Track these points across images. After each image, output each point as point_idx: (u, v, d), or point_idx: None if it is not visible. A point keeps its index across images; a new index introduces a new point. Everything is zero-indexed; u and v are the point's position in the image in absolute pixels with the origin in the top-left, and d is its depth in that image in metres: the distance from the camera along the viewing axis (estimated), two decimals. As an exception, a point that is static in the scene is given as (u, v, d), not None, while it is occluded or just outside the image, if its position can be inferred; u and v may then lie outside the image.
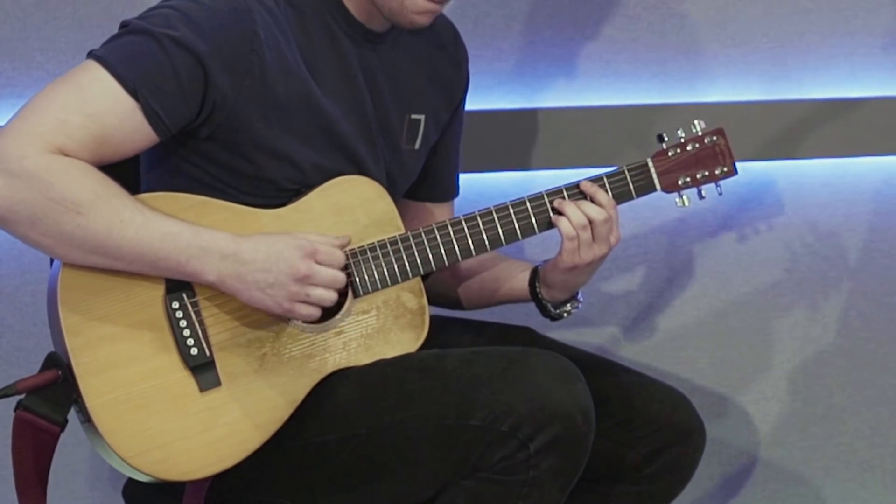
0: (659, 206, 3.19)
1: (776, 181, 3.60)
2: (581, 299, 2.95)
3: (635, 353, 3.60)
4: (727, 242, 3.61)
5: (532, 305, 2.94)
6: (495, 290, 3.00)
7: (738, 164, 3.24)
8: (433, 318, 2.86)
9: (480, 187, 3.24)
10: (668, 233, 3.58)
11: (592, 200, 2.80)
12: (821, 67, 3.58)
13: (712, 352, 3.65)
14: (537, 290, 2.91)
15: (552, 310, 2.93)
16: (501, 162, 3.44)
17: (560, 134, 3.45)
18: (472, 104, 3.30)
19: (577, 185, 2.82)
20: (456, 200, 3.08)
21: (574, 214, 2.78)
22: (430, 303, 2.92)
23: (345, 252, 2.67)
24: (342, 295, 2.66)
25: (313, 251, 2.59)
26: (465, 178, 3.22)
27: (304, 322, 2.65)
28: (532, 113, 3.46)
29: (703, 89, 3.53)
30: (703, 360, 3.65)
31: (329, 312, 2.67)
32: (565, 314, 2.94)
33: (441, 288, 3.01)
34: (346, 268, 2.66)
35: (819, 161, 3.59)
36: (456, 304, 3.05)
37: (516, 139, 3.45)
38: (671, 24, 3.51)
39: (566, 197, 2.81)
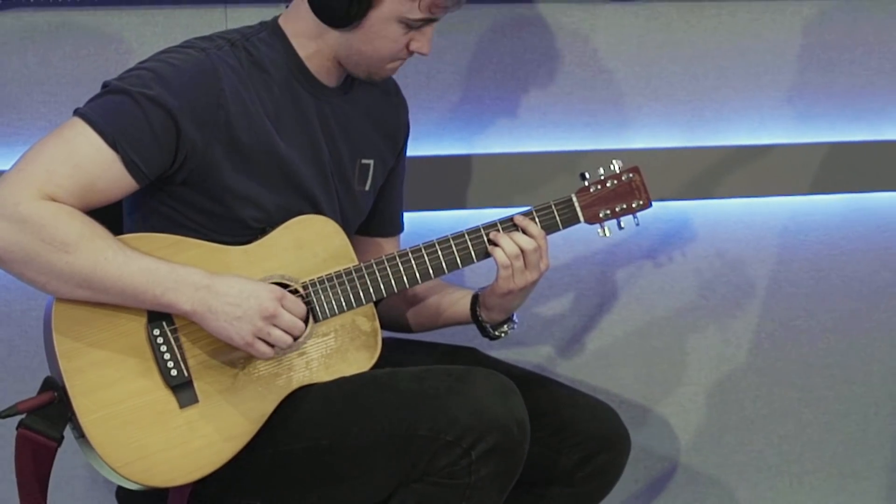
0: (589, 240, 3.21)
1: (694, 218, 3.61)
2: (517, 321, 2.94)
3: (569, 371, 3.60)
4: (650, 272, 3.62)
5: (475, 327, 2.94)
6: (440, 314, 2.99)
7: (660, 204, 3.25)
8: (388, 340, 2.87)
9: (434, 223, 3.23)
10: (597, 263, 3.58)
11: (524, 232, 2.80)
12: (733, 117, 3.59)
13: (637, 368, 3.65)
14: (478, 313, 2.91)
15: (491, 331, 2.93)
16: (451, 201, 3.43)
17: (503, 176, 3.45)
18: (424, 150, 3.33)
19: (510, 219, 2.82)
20: (404, 235, 3.07)
21: (507, 245, 2.78)
22: (384, 328, 2.93)
23: (306, 290, 2.68)
24: (305, 320, 2.66)
25: (282, 296, 2.61)
26: (425, 215, 3.26)
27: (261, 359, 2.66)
28: (477, 158, 3.46)
29: (629, 137, 3.54)
30: (628, 377, 3.65)
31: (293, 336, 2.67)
32: (503, 334, 2.94)
33: (393, 314, 3.01)
34: (306, 301, 2.67)
35: (732, 200, 3.60)
36: (406, 328, 3.05)
37: (463, 181, 3.44)
38: (601, 80, 3.52)
39: (500, 230, 2.80)
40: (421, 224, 3.12)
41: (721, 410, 3.71)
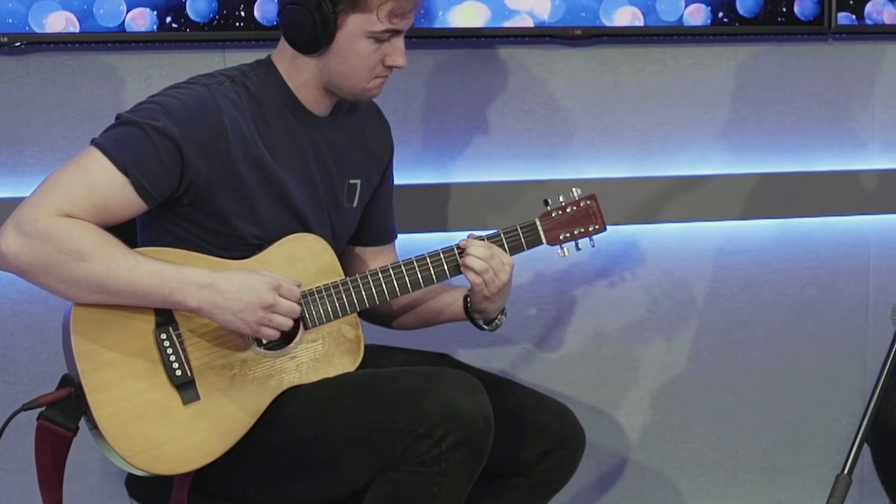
0: (548, 260, 3.20)
1: (641, 241, 3.62)
2: (506, 314, 2.94)
3: (531, 375, 3.60)
4: (602, 289, 3.63)
5: (451, 333, 2.97)
6: (440, 314, 2.96)
7: (611, 227, 3.21)
8: (372, 346, 2.89)
9: (413, 245, 3.18)
10: (556, 281, 3.59)
11: (470, 253, 2.79)
12: (676, 151, 3.61)
13: (591, 374, 3.66)
14: (472, 315, 2.91)
15: (485, 326, 2.93)
16: (427, 225, 3.43)
17: (473, 202, 3.46)
18: (402, 179, 3.28)
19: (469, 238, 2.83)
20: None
21: (476, 263, 2.78)
22: (384, 326, 2.97)
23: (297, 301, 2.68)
24: (296, 327, 2.68)
25: (278, 285, 2.61)
26: (404, 238, 3.21)
27: (266, 345, 2.66)
28: (451, 186, 3.47)
29: (583, 168, 3.55)
30: (583, 381, 3.65)
31: (285, 341, 2.69)
32: (496, 327, 2.93)
33: (398, 316, 3.00)
34: (299, 303, 2.68)
35: (674, 225, 3.61)
36: (410, 327, 3.02)
37: (438, 207, 3.46)
38: (558, 117, 3.54)
39: (459, 251, 2.80)
40: (400, 246, 3.12)
41: (665, 412, 3.72)
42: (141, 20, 3.25)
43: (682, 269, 3.67)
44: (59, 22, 3.22)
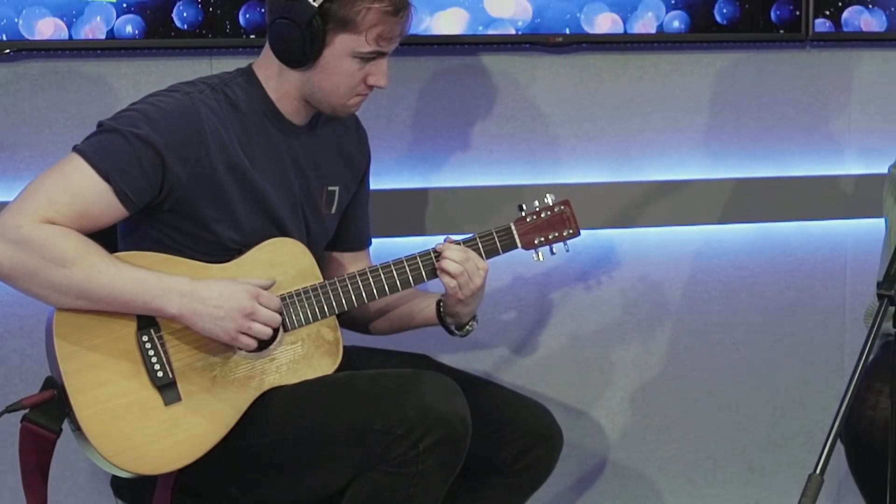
0: (529, 264, 3.18)
1: (620, 244, 3.62)
2: (478, 319, 2.94)
3: (512, 376, 3.60)
4: (582, 291, 3.63)
5: (433, 336, 2.96)
6: (412, 319, 2.96)
7: (591, 232, 3.26)
8: (351, 348, 2.89)
9: (395, 249, 3.18)
10: (536, 284, 3.60)
11: (447, 256, 2.79)
12: (655, 156, 3.61)
13: (571, 375, 3.66)
14: (444, 319, 2.91)
15: (456, 331, 2.93)
16: (409, 229, 3.43)
17: (455, 207, 3.46)
18: (385, 184, 3.33)
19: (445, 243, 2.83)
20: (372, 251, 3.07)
21: (451, 266, 2.78)
22: (362, 332, 2.96)
23: (279, 296, 2.68)
24: (275, 330, 2.67)
25: (258, 294, 2.62)
26: (387, 241, 3.25)
27: (246, 350, 2.66)
28: (432, 191, 3.47)
29: (564, 173, 3.55)
30: (563, 383, 3.65)
31: (265, 343, 2.68)
32: (468, 332, 2.93)
33: (369, 321, 3.00)
34: (279, 312, 2.68)
35: (653, 229, 3.61)
36: (382, 332, 3.02)
37: (420, 211, 3.46)
38: (539, 122, 3.54)
39: (436, 255, 2.81)
40: (383, 249, 3.11)
41: (644, 413, 3.72)
42: (129, 27, 3.26)
43: (662, 272, 3.67)
44: (49, 28, 3.22)
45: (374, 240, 3.09)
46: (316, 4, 2.63)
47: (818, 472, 2.30)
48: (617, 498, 3.74)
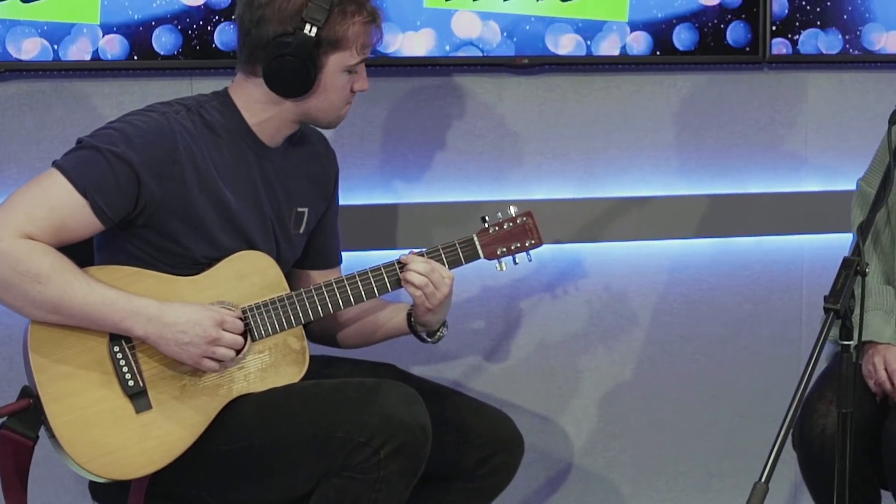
0: (497, 276, 3.14)
1: (586, 258, 3.61)
2: (447, 326, 2.92)
3: (480, 385, 3.60)
4: (548, 303, 3.62)
5: (403, 346, 2.95)
6: (378, 329, 2.95)
7: (557, 246, 3.25)
8: (322, 357, 2.89)
9: (367, 261, 3.18)
10: (504, 296, 3.59)
11: (412, 268, 2.78)
12: (619, 173, 3.60)
13: (538, 383, 3.65)
14: (415, 328, 2.90)
15: (428, 339, 2.91)
16: (380, 243, 3.42)
17: (425, 221, 3.46)
18: (357, 200, 3.33)
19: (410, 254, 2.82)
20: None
21: (416, 278, 2.77)
22: (329, 345, 2.95)
23: (245, 314, 2.68)
24: (244, 339, 2.67)
25: (222, 321, 2.62)
26: (359, 254, 3.24)
27: (210, 372, 2.65)
28: (402, 206, 3.47)
29: (531, 189, 3.55)
30: (530, 390, 3.64)
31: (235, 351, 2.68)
32: (439, 339, 2.91)
33: (335, 332, 2.98)
34: (245, 322, 2.67)
35: (617, 243, 3.61)
36: (350, 345, 3.00)
37: (391, 225, 3.46)
38: (507, 141, 3.54)
39: (400, 266, 2.79)
40: (358, 262, 3.04)
41: (608, 420, 3.72)
42: (113, 48, 3.26)
43: (626, 284, 3.66)
44: (35, 47, 3.22)
45: (348, 253, 3.09)
46: (313, 35, 2.65)
47: (763, 480, 2.30)
48: (582, 501, 3.73)
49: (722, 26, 3.54)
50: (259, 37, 2.68)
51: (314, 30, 2.65)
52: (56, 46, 3.23)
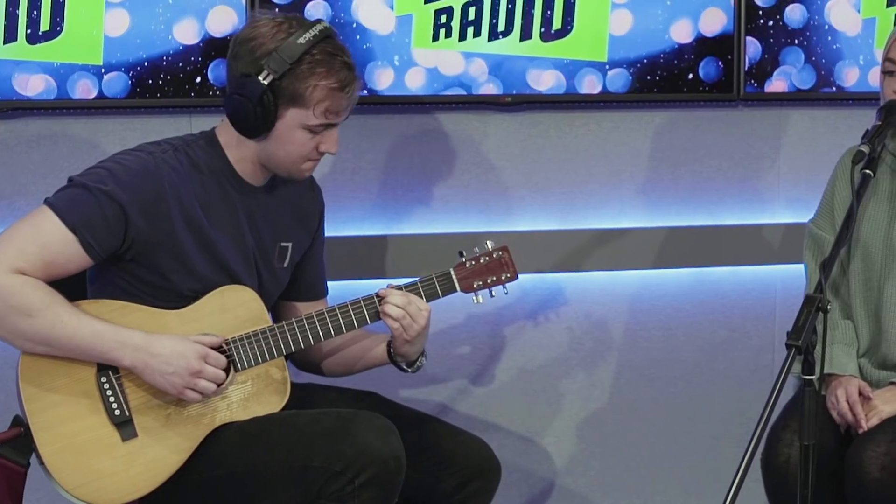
0: (482, 304, 3.12)
1: (566, 287, 3.60)
2: (426, 356, 2.87)
3: (465, 408, 3.58)
4: (531, 329, 3.61)
5: (391, 372, 2.91)
6: (359, 360, 2.92)
7: (539, 275, 3.22)
8: (307, 385, 2.87)
9: (358, 291, 3.17)
10: (489, 323, 3.58)
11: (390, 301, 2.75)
12: (598, 206, 3.58)
13: (521, 407, 3.63)
14: (395, 359, 2.86)
15: (406, 369, 2.88)
16: (370, 273, 3.41)
17: (414, 252, 3.44)
18: (348, 231, 3.31)
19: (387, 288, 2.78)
20: (330, 298, 3.01)
21: (393, 311, 2.74)
22: (313, 373, 2.92)
23: (228, 345, 2.66)
24: (227, 370, 2.65)
25: (205, 354, 2.60)
26: (350, 283, 3.23)
27: (191, 402, 2.63)
28: (392, 237, 3.46)
29: (514, 221, 3.54)
30: (513, 413, 3.62)
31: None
32: (418, 369, 2.87)
33: (318, 362, 2.95)
34: (228, 356, 2.65)
35: (596, 273, 3.59)
36: (332, 374, 2.97)
37: (380, 256, 3.44)
38: (492, 175, 3.52)
39: (378, 299, 2.76)
40: (347, 291, 3.07)
41: (589, 441, 3.70)
42: (115, 86, 3.25)
43: (605, 312, 3.65)
44: (40, 84, 3.22)
45: (339, 283, 3.05)
46: (266, 82, 2.61)
47: (727, 508, 2.27)
48: (564, 520, 3.73)
49: (698, 65, 3.52)
50: (230, 72, 2.68)
51: (269, 78, 2.60)
52: (61, 85, 3.23)
